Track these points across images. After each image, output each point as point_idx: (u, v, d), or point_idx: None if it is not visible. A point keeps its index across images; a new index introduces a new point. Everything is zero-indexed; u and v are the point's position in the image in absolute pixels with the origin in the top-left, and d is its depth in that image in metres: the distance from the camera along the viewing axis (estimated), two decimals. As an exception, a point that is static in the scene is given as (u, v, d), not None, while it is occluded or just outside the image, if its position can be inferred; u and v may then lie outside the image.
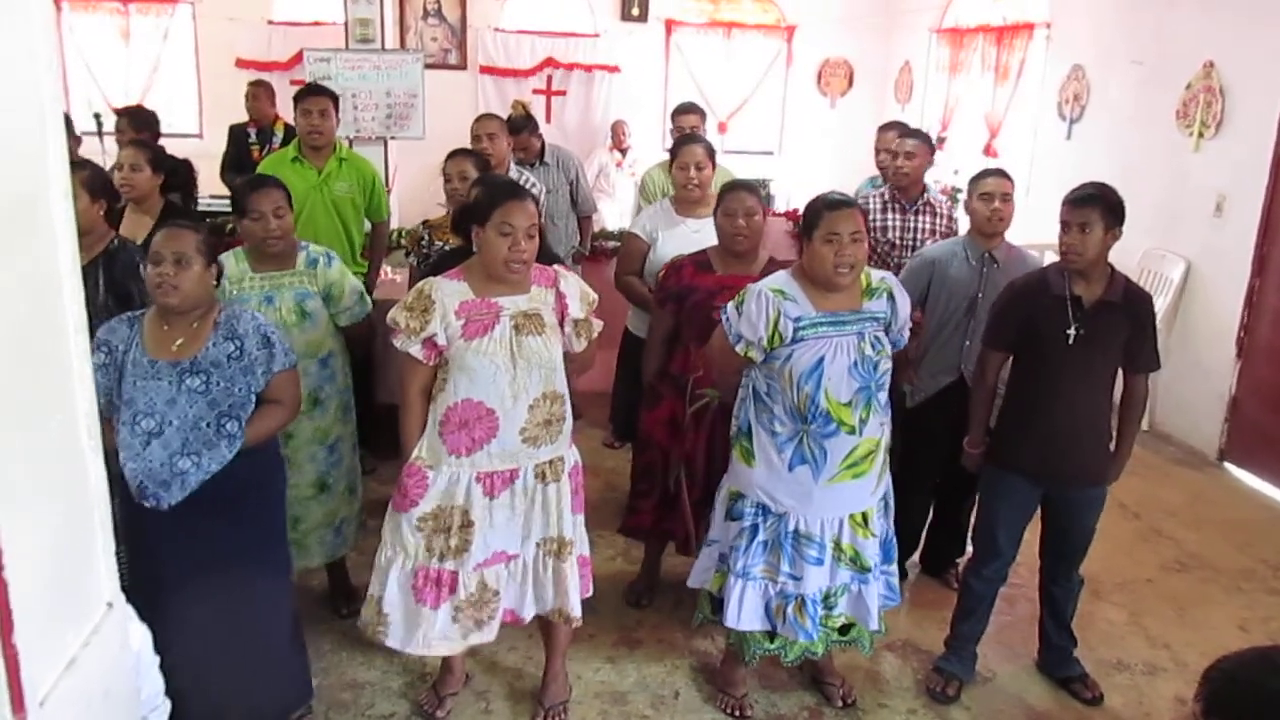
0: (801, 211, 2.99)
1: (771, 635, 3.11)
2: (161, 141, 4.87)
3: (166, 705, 2.10)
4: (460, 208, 2.93)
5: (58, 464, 1.58)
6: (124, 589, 1.85)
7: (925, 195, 4.41)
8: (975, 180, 3.76)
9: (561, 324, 2.88)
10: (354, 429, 3.55)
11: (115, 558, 1.83)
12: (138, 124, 5.01)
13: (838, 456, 2.88)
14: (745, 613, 3.05)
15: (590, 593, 3.13)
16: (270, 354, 2.73)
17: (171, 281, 2.59)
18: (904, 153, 4.32)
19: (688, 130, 4.87)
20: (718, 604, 3.15)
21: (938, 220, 4.39)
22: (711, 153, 4.02)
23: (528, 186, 4.17)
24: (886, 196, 4.39)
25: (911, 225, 4.37)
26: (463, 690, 3.26)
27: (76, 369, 1.62)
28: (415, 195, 7.70)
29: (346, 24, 6.30)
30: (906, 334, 3.05)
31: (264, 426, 2.74)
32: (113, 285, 3.23)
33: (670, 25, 9.96)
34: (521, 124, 5.39)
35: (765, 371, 2.94)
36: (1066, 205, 3.11)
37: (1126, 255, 5.87)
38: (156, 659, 2.03)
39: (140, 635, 1.92)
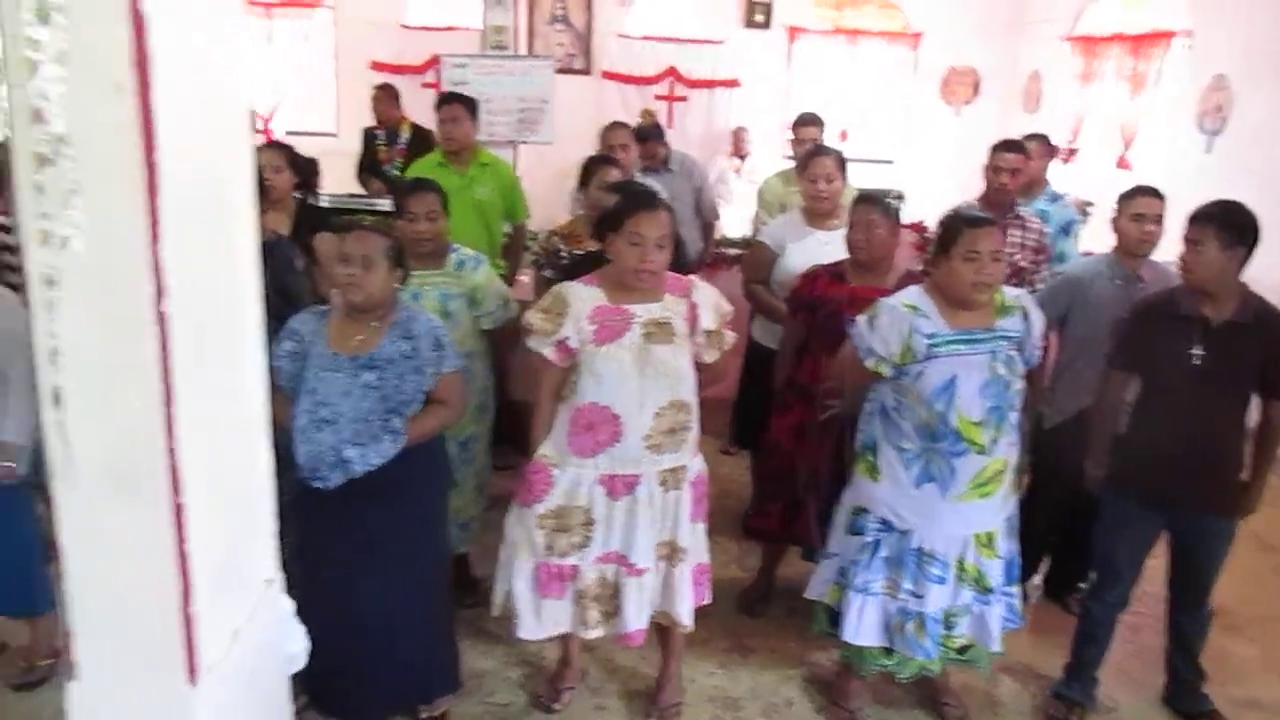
0: (928, 224, 2.97)
1: (888, 651, 3.09)
2: (301, 140, 5.05)
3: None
4: (600, 214, 3.01)
5: (235, 447, 1.68)
6: (287, 567, 1.95)
7: (1015, 208, 4.25)
8: (1127, 198, 3.61)
9: (692, 334, 2.91)
10: (489, 429, 3.63)
11: (279, 536, 1.93)
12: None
13: (966, 476, 2.84)
14: (864, 628, 3.03)
15: (708, 600, 3.16)
16: (441, 356, 2.84)
17: (358, 281, 2.74)
18: (1009, 169, 4.18)
19: (806, 142, 4.86)
20: (834, 617, 3.14)
21: (1027, 234, 4.20)
22: (843, 164, 4.01)
23: None
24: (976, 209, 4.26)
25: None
26: (579, 686, 3.32)
27: (252, 358, 1.74)
28: (543, 199, 7.81)
29: (484, 31, 6.48)
30: (1040, 353, 2.98)
31: (427, 425, 2.84)
32: (275, 278, 3.39)
33: (793, 32, 9.90)
34: (649, 132, 5.48)
35: (894, 387, 2.91)
36: (1186, 221, 3.02)
37: (1271, 273, 5.62)
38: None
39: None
